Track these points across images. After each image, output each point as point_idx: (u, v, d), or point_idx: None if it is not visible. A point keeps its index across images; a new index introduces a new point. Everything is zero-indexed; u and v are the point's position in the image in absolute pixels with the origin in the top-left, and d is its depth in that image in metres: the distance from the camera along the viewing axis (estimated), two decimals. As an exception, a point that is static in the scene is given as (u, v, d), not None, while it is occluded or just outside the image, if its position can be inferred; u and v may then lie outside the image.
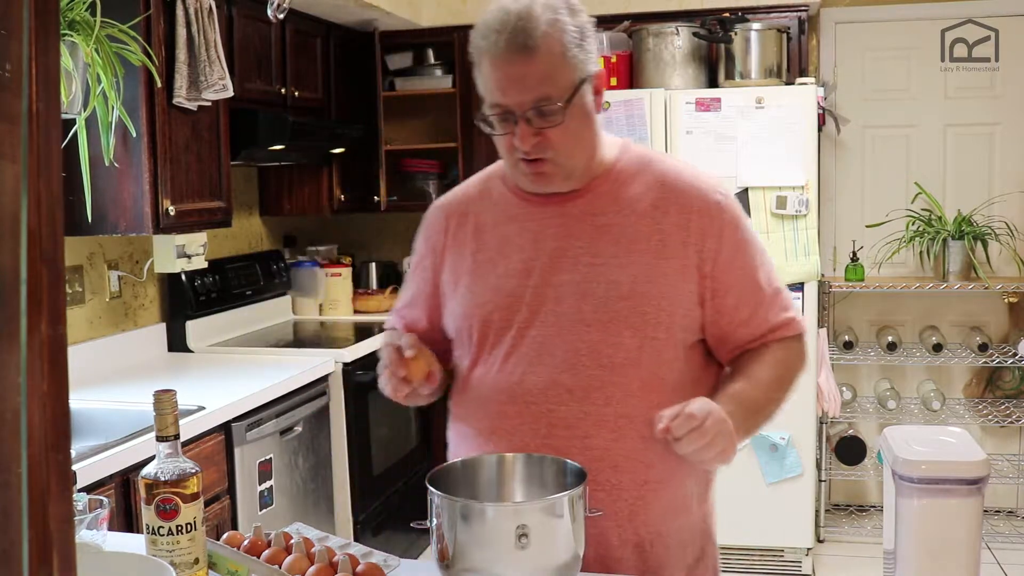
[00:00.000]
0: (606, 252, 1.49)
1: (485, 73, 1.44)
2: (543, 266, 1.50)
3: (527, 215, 1.54)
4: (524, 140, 1.43)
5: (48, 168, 0.55)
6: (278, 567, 1.34)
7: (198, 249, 3.24)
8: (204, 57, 2.94)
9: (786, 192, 3.60)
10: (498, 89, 1.43)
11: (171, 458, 1.31)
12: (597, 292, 1.47)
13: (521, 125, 1.43)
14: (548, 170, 1.47)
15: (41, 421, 0.54)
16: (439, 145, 4.36)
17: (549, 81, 1.41)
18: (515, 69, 1.41)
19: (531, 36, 1.40)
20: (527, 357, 1.49)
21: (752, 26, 3.76)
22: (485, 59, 1.43)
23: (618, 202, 1.51)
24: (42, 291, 0.55)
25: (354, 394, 3.43)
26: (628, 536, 1.49)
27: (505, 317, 1.51)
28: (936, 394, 4.13)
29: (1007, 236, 4.04)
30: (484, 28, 1.44)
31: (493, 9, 1.45)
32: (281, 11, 3.42)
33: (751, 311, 1.52)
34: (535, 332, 1.49)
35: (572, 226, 1.51)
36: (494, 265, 1.54)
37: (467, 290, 1.56)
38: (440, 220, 1.64)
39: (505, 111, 1.43)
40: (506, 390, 1.51)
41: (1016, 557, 3.86)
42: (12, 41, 0.53)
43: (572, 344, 1.47)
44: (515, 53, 1.40)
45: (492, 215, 1.58)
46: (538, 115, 1.42)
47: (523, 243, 1.53)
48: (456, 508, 1.26)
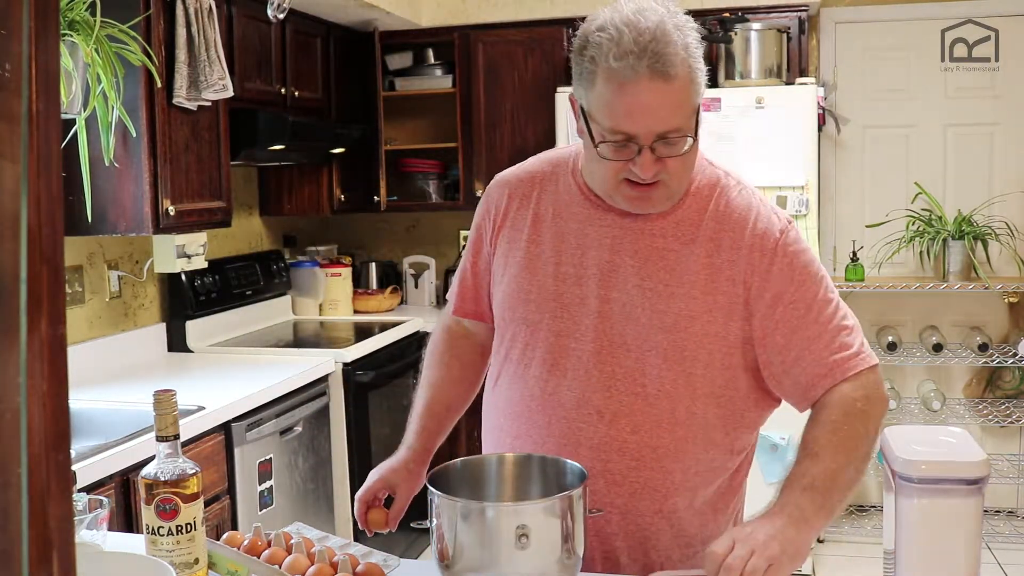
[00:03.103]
0: (657, 278, 1.43)
1: (609, 95, 1.33)
2: (593, 277, 1.46)
3: (588, 217, 1.49)
4: (646, 169, 1.35)
5: (48, 168, 0.55)
6: (278, 567, 1.34)
7: (198, 249, 3.24)
8: (204, 57, 2.94)
9: (786, 192, 3.60)
10: (626, 116, 1.33)
11: (171, 458, 1.31)
12: (641, 319, 1.43)
13: (645, 154, 1.34)
14: (657, 195, 1.41)
15: (41, 421, 0.54)
16: (439, 145, 4.36)
17: (680, 111, 1.34)
18: (651, 98, 1.32)
19: (672, 64, 1.31)
20: (564, 370, 1.47)
21: (752, 26, 3.76)
22: (613, 81, 1.32)
23: (679, 227, 1.45)
24: (42, 291, 0.55)
25: (354, 394, 3.43)
26: (638, 556, 1.48)
27: (548, 321, 1.48)
28: (936, 394, 4.13)
29: (1007, 236, 4.04)
30: (612, 46, 1.31)
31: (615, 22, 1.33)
32: (281, 11, 3.42)
33: (802, 350, 1.41)
34: (575, 345, 1.46)
35: (629, 242, 1.45)
36: (545, 262, 1.50)
37: (515, 280, 1.53)
38: (502, 197, 1.58)
39: (628, 138, 1.34)
40: (539, 397, 1.49)
41: (1016, 557, 3.86)
42: (12, 41, 0.53)
43: (609, 366, 1.44)
44: (653, 81, 1.31)
45: (554, 206, 1.52)
46: (663, 144, 1.35)
47: (578, 246, 1.48)
48: (456, 508, 1.26)
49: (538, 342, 1.49)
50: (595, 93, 1.35)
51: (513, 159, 4.45)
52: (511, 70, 4.15)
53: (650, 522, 1.46)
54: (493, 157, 4.19)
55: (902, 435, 3.24)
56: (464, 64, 4.22)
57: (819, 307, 1.42)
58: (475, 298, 1.65)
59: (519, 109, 4.15)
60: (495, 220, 1.58)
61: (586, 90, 1.37)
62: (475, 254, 1.63)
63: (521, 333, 1.51)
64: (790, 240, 1.44)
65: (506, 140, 4.19)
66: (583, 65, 1.36)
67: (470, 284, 1.65)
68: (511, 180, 1.60)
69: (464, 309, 1.68)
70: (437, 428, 1.65)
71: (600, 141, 1.36)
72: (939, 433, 3.27)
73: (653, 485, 1.45)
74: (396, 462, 1.60)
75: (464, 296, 1.67)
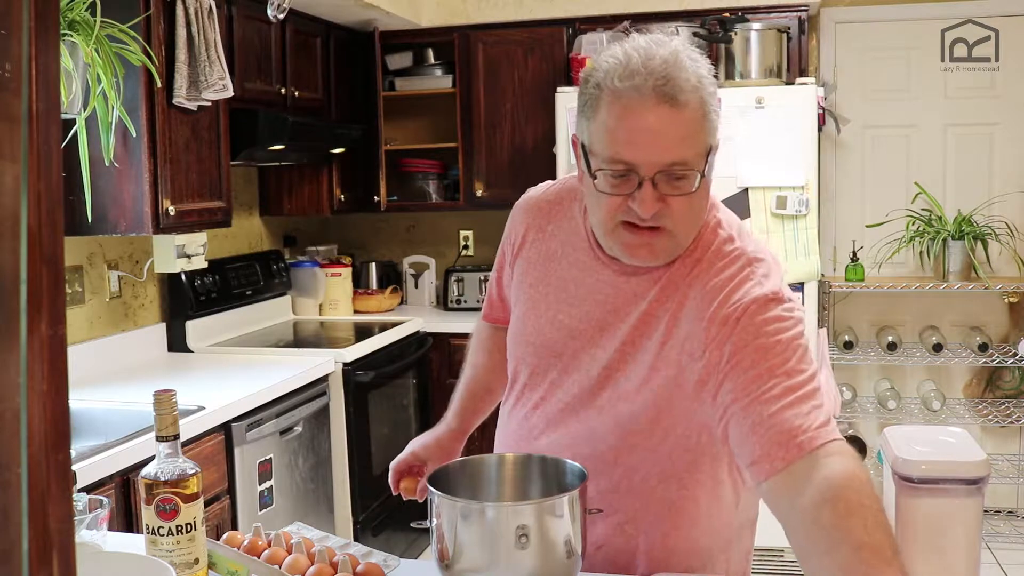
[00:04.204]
0: (640, 345, 1.36)
1: (611, 121, 1.24)
2: (585, 332, 1.42)
3: (590, 267, 1.42)
4: (646, 206, 1.25)
5: (48, 168, 0.55)
6: (278, 567, 1.34)
7: (198, 249, 3.24)
8: (204, 57, 2.94)
9: (786, 192, 3.59)
10: (628, 142, 1.23)
11: (171, 458, 1.31)
12: (621, 385, 1.38)
13: (646, 187, 1.24)
14: (660, 244, 1.30)
15: (41, 421, 0.54)
16: (439, 145, 4.36)
17: (688, 143, 1.24)
18: (656, 123, 1.22)
19: (681, 90, 1.22)
20: (551, 417, 1.47)
21: (752, 26, 3.76)
22: (617, 104, 1.24)
23: (666, 292, 1.35)
24: (42, 291, 0.55)
25: (354, 394, 3.43)
26: None
27: (543, 367, 1.48)
28: (936, 394, 4.13)
29: (1007, 236, 4.04)
30: (619, 67, 1.24)
31: (626, 48, 1.26)
32: (281, 11, 3.42)
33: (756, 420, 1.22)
34: (562, 394, 1.45)
35: (622, 303, 1.39)
36: (547, 306, 1.47)
37: (520, 321, 1.52)
38: (522, 224, 1.54)
39: (629, 169, 1.25)
40: (528, 438, 1.50)
41: (1016, 557, 3.86)
42: (12, 41, 0.53)
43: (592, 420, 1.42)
44: (659, 103, 1.22)
45: (563, 248, 1.47)
46: (667, 179, 1.25)
47: (576, 298, 1.43)
48: (456, 508, 1.26)
49: (534, 384, 1.50)
50: (597, 121, 1.27)
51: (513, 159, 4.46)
52: (511, 70, 4.15)
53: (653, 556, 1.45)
54: (493, 157, 4.19)
55: (902, 435, 3.25)
56: (464, 64, 4.22)
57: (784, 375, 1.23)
58: (502, 307, 1.68)
59: (519, 109, 4.15)
60: (514, 245, 1.56)
61: (589, 120, 1.28)
62: (499, 270, 1.65)
63: (522, 371, 1.53)
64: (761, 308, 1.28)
65: (506, 140, 4.19)
66: (587, 93, 1.28)
67: (496, 295, 1.69)
68: (532, 207, 1.55)
69: (493, 316, 1.72)
70: (475, 408, 1.70)
71: (597, 170, 1.27)
72: (939, 433, 3.28)
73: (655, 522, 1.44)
74: (431, 438, 1.66)
75: (492, 305, 1.71)
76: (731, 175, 3.59)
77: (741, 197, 3.59)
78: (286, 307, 4.18)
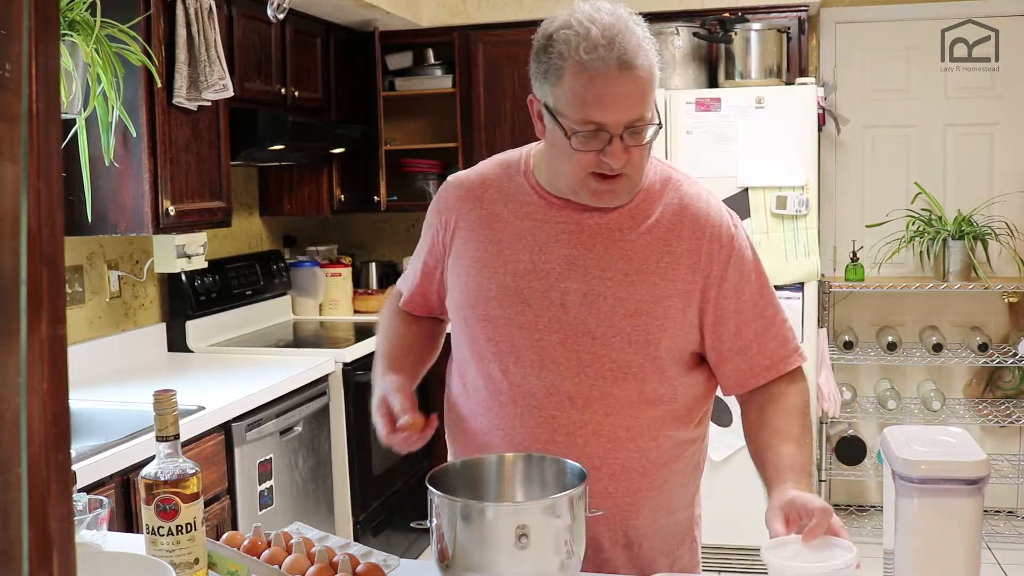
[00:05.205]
0: (616, 268, 1.48)
1: (578, 88, 1.39)
2: (553, 271, 1.50)
3: (544, 216, 1.53)
4: (617, 159, 1.41)
5: (48, 168, 0.55)
6: (278, 567, 1.34)
7: (198, 249, 3.24)
8: (204, 57, 2.94)
9: (786, 192, 3.60)
10: (597, 106, 1.39)
11: (171, 458, 1.31)
12: (603, 307, 1.47)
13: (616, 143, 1.40)
14: (622, 187, 1.47)
15: (41, 421, 0.54)
16: (439, 145, 4.36)
17: (646, 100, 1.41)
18: (620, 87, 1.38)
19: (636, 54, 1.38)
20: (531, 361, 1.49)
21: (752, 26, 3.76)
22: (584, 74, 1.38)
23: (635, 219, 1.50)
24: (42, 291, 0.55)
25: (354, 394, 3.43)
26: (619, 538, 1.53)
27: (510, 316, 1.51)
28: (936, 394, 4.13)
29: (1007, 236, 4.04)
30: (583, 41, 1.38)
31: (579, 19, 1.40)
32: (281, 11, 3.42)
33: (750, 340, 1.52)
34: (538, 336, 1.49)
35: (587, 237, 1.50)
36: (503, 260, 1.53)
37: (473, 280, 1.55)
38: (455, 199, 1.62)
39: (599, 128, 1.40)
40: (507, 391, 1.51)
41: (1016, 557, 3.86)
42: (12, 41, 0.53)
43: (576, 354, 1.48)
44: (621, 72, 1.37)
45: (508, 207, 1.56)
46: (631, 134, 1.41)
47: (535, 243, 1.51)
48: (456, 508, 1.26)
49: (501, 337, 1.51)
50: (563, 87, 1.40)
51: (513, 159, 4.33)
52: (511, 70, 4.15)
53: (629, 502, 1.51)
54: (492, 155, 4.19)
55: (902, 435, 3.24)
56: (464, 64, 4.22)
57: (766, 300, 1.54)
58: (423, 293, 1.70)
59: (519, 109, 4.15)
60: (448, 220, 1.61)
61: (553, 86, 1.42)
62: (426, 252, 1.67)
63: (483, 330, 1.53)
64: (741, 235, 1.54)
65: (506, 140, 4.18)
66: (550, 62, 1.42)
67: (419, 281, 1.70)
68: (464, 182, 1.63)
69: (412, 304, 1.73)
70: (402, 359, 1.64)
71: (572, 133, 1.41)
72: (939, 433, 3.27)
73: (631, 465, 1.50)
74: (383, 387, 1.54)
75: (412, 293, 1.72)
76: (731, 175, 3.59)
77: (741, 197, 3.59)
78: (286, 307, 4.18)
